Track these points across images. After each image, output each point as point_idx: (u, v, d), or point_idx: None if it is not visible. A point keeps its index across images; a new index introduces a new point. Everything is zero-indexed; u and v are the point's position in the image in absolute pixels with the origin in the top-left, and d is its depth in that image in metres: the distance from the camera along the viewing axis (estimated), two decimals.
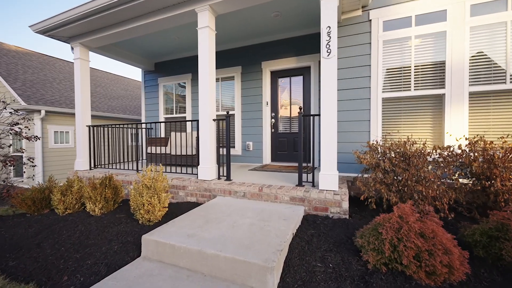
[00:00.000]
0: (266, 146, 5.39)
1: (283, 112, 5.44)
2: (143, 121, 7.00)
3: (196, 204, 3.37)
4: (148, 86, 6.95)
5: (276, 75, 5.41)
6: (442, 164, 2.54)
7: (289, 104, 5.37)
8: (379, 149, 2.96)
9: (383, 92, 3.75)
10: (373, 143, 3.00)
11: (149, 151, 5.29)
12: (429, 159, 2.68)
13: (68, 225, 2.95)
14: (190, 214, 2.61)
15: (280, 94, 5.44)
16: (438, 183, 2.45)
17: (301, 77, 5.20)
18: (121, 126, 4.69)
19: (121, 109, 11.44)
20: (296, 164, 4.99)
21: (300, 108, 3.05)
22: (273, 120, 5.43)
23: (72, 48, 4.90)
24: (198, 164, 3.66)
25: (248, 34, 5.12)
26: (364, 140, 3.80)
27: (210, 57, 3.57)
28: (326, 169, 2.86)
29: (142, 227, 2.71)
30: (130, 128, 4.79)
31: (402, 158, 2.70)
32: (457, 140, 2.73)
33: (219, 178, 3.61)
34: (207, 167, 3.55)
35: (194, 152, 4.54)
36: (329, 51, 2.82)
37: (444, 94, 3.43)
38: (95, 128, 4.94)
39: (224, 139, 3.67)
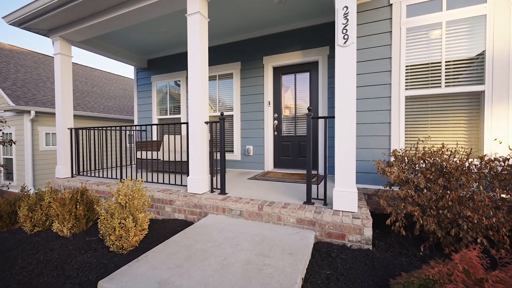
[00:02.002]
0: (268, 151, 4.83)
1: (287, 113, 4.87)
2: (135, 122, 6.50)
3: (184, 223, 2.84)
4: (140, 84, 6.44)
5: (279, 72, 4.84)
6: (495, 181, 1.96)
7: (293, 104, 4.79)
8: (406, 159, 2.40)
9: (406, 89, 3.17)
10: (397, 152, 2.44)
11: (138, 156, 4.78)
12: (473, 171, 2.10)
13: (27, 250, 2.44)
14: (170, 243, 2.07)
15: (284, 93, 4.87)
16: (492, 207, 1.87)
17: (308, 73, 4.62)
18: (106, 128, 4.18)
19: (118, 110, 10.99)
20: (302, 172, 4.42)
21: (309, 109, 2.49)
22: (275, 121, 4.86)
23: (53, 43, 4.42)
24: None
25: (247, 25, 4.56)
26: (383, 145, 3.23)
27: (202, 49, 3.03)
28: (342, 184, 2.30)
29: (112, 256, 2.18)
30: (115, 130, 4.27)
31: (439, 172, 2.13)
32: (510, 148, 2.14)
33: (212, 191, 3.07)
34: (198, 179, 3.01)
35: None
36: (346, 37, 2.25)
37: (483, 92, 2.84)
38: (78, 130, 4.45)
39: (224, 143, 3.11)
